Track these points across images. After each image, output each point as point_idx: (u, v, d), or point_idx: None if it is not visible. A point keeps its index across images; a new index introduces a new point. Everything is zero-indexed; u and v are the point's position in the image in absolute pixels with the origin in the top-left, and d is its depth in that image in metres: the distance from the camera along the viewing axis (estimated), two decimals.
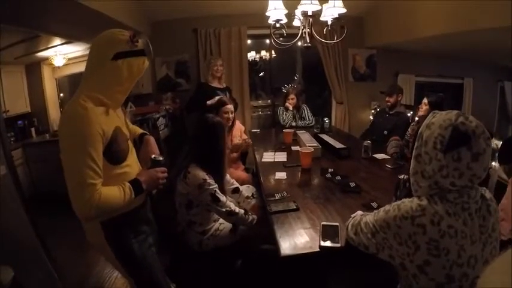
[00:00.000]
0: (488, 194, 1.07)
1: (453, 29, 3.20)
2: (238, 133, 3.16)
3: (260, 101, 5.69)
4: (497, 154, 2.42)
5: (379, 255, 1.14)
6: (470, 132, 0.93)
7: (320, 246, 1.41)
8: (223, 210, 1.87)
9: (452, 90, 5.92)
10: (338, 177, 2.19)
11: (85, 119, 1.17)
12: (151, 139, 1.64)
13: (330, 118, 4.86)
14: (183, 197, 1.92)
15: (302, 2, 2.24)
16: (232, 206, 1.92)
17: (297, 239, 1.49)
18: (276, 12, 2.41)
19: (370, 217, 1.17)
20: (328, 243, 1.42)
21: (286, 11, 2.43)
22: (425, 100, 2.99)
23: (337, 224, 1.57)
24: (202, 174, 1.85)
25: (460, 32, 3.16)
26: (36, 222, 2.16)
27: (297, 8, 2.42)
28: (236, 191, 2.28)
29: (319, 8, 2.32)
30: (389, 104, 3.81)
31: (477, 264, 0.98)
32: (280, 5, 2.39)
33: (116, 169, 1.31)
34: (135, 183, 1.32)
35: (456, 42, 3.95)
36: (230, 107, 2.91)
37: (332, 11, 2.41)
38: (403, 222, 1.00)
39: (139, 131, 1.70)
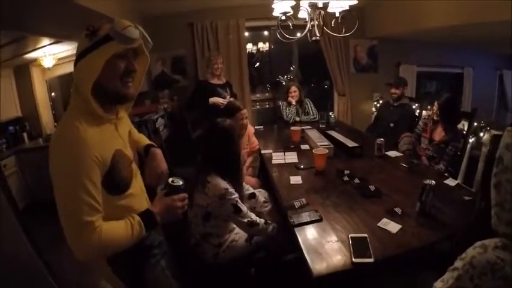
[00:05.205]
0: None
1: (457, 21, 3.13)
2: (247, 138, 2.94)
3: (258, 95, 5.52)
4: None
5: None
6: None
7: (353, 263, 1.32)
8: (245, 221, 1.77)
9: (452, 80, 5.88)
10: (356, 180, 2.08)
11: (77, 142, 0.96)
12: (159, 153, 1.43)
13: (332, 111, 4.74)
14: (200, 208, 1.80)
15: None
16: (254, 217, 1.81)
17: (326, 255, 1.38)
18: (282, 4, 2.26)
19: None
20: (360, 259, 1.33)
21: (293, 2, 2.28)
22: (436, 104, 2.83)
23: (365, 235, 1.48)
24: (223, 184, 1.74)
25: (464, 24, 3.09)
26: (35, 236, 2.00)
27: None
28: (253, 196, 2.12)
29: None
30: (395, 96, 3.74)
31: None
32: None
33: (117, 200, 1.11)
34: (147, 215, 1.11)
35: (460, 33, 3.87)
36: (245, 112, 2.71)
37: (341, 3, 2.27)
38: (482, 280, 0.76)
39: (145, 141, 1.50)
